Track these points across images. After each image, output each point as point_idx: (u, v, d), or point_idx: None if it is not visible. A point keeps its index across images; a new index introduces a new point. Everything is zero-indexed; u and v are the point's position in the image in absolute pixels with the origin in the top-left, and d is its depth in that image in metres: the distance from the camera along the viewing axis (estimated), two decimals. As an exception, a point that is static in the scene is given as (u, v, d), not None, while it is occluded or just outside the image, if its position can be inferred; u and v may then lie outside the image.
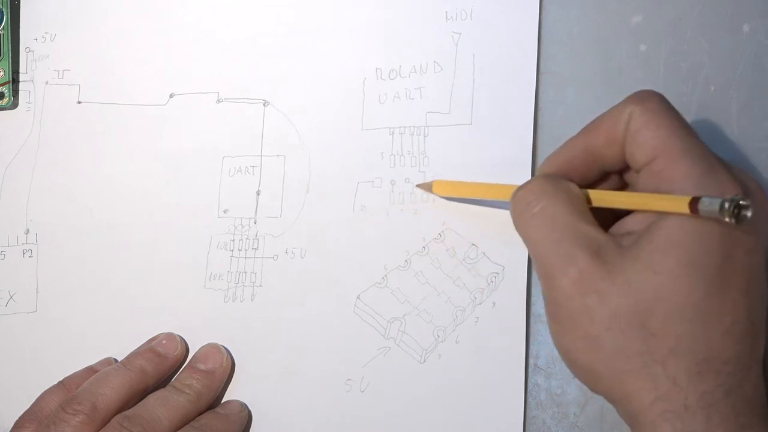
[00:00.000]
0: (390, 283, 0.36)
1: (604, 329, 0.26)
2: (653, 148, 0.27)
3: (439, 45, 0.37)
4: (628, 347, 0.25)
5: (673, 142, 0.26)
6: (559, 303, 0.27)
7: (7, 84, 0.41)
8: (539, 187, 0.28)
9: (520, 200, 0.29)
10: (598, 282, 0.26)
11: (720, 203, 0.24)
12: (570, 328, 0.26)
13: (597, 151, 0.29)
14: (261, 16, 0.40)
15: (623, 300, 0.25)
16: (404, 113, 0.37)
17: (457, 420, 0.34)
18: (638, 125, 0.27)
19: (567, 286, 0.26)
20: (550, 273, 0.27)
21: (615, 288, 0.25)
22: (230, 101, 0.39)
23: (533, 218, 0.28)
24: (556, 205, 0.28)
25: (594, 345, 0.26)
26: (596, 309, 0.26)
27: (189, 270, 0.38)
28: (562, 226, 0.27)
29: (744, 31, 0.35)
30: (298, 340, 0.37)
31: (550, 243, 0.27)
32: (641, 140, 0.27)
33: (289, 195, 0.38)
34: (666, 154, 0.26)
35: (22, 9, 0.42)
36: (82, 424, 0.33)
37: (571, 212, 0.27)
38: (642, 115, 0.27)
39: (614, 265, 0.26)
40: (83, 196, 0.40)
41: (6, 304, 0.40)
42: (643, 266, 0.25)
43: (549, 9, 0.37)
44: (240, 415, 0.36)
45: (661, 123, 0.27)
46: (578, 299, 0.26)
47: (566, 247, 0.27)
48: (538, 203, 0.28)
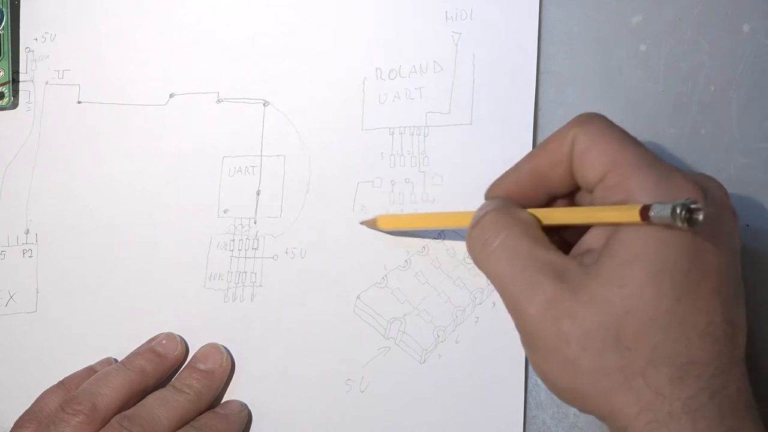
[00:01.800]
0: (390, 283, 0.36)
1: (581, 350, 0.25)
2: (603, 164, 0.26)
3: (439, 45, 0.37)
4: (607, 365, 0.25)
5: (622, 155, 0.26)
6: (532, 332, 0.26)
7: (7, 84, 0.41)
8: (493, 222, 0.28)
9: (477, 238, 0.29)
10: (567, 304, 0.25)
11: (671, 208, 0.24)
12: (547, 354, 0.26)
13: (542, 175, 0.29)
14: (261, 16, 0.40)
15: (594, 318, 0.25)
16: (404, 113, 0.37)
17: (457, 420, 0.34)
18: (584, 146, 0.27)
19: (537, 315, 0.26)
20: (518, 304, 0.27)
21: (584, 308, 0.25)
22: (230, 101, 0.39)
23: (493, 254, 0.28)
24: (512, 236, 0.27)
25: (573, 368, 0.26)
26: (569, 332, 0.25)
27: (189, 270, 0.38)
28: (522, 256, 0.27)
29: (744, 31, 0.35)
30: (298, 340, 0.37)
31: (513, 274, 0.27)
32: (589, 159, 0.27)
33: (289, 195, 0.38)
34: (617, 169, 0.26)
35: (22, 9, 0.42)
36: (81, 424, 0.33)
37: (528, 241, 0.27)
38: (586, 136, 0.27)
39: (580, 285, 0.26)
40: (83, 196, 0.40)
41: (6, 304, 0.40)
42: (607, 282, 0.25)
43: (549, 9, 0.37)
44: (240, 415, 0.36)
45: (607, 140, 0.27)
46: (550, 326, 0.26)
47: (530, 276, 0.26)
48: (496, 237, 0.28)
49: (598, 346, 0.25)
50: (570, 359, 0.26)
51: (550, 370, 0.27)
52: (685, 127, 0.35)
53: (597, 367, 0.25)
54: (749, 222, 0.33)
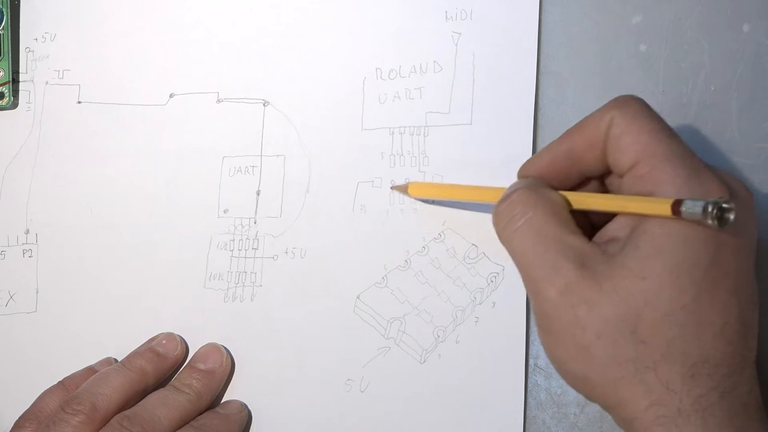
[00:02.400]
0: (390, 283, 0.36)
1: (595, 338, 0.25)
2: (636, 152, 0.27)
3: (439, 45, 0.37)
4: (620, 355, 0.25)
5: (656, 145, 0.26)
6: (549, 314, 0.27)
7: (7, 84, 0.41)
8: (522, 199, 0.28)
9: (504, 214, 0.29)
10: (586, 292, 0.26)
11: (703, 206, 0.24)
12: (561, 338, 0.26)
13: (577, 156, 0.29)
14: (261, 16, 0.40)
15: (612, 308, 0.25)
16: (404, 113, 0.37)
17: (457, 420, 0.34)
18: (620, 130, 0.27)
19: (555, 298, 0.26)
20: (537, 285, 0.27)
21: (603, 296, 0.25)
22: (230, 101, 0.39)
23: (518, 231, 0.28)
24: (540, 216, 0.28)
25: (586, 354, 0.26)
26: (586, 319, 0.26)
27: (189, 270, 0.38)
28: (547, 238, 0.27)
29: (744, 31, 0.35)
30: (298, 340, 0.37)
31: (536, 255, 0.27)
32: (623, 145, 0.27)
33: (289, 195, 0.38)
34: (649, 158, 0.26)
35: (22, 9, 0.42)
36: (82, 424, 0.33)
37: (555, 223, 0.27)
38: (623, 119, 0.27)
39: (601, 273, 0.26)
40: (83, 196, 0.40)
41: (6, 304, 0.40)
42: (630, 273, 0.25)
43: (549, 9, 0.37)
44: (240, 415, 0.36)
45: (642, 127, 0.27)
46: (567, 310, 0.26)
47: (553, 258, 0.26)
48: (523, 216, 0.28)
49: (613, 336, 0.25)
50: (584, 345, 0.26)
51: (563, 354, 0.27)
52: (685, 127, 0.34)
53: (610, 356, 0.25)
54: (749, 222, 0.33)
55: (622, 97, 0.28)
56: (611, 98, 0.35)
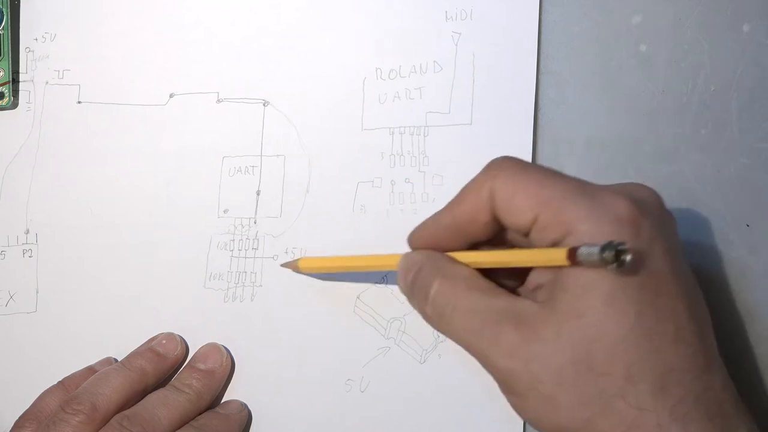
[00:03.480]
0: (390, 283, 0.36)
1: (556, 387, 0.25)
2: (531, 208, 0.26)
3: (439, 45, 0.37)
4: (584, 394, 0.25)
5: (547, 192, 0.26)
6: (506, 380, 0.27)
7: (7, 84, 0.41)
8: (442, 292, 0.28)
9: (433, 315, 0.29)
10: (531, 347, 0.25)
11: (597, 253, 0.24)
12: (525, 397, 0.26)
13: (462, 228, 0.29)
14: (261, 16, 0.40)
15: (562, 354, 0.25)
16: (404, 113, 0.37)
17: (457, 420, 0.34)
18: (507, 194, 0.27)
19: (505, 363, 0.26)
20: (486, 359, 0.27)
21: (549, 346, 0.25)
22: (230, 101, 0.39)
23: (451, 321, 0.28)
24: (463, 298, 0.27)
25: (552, 404, 0.26)
26: (540, 372, 0.25)
27: (189, 270, 0.38)
28: (478, 313, 0.27)
29: (744, 31, 0.35)
30: (298, 340, 0.37)
31: (475, 334, 0.27)
32: (516, 206, 0.27)
33: (289, 195, 0.38)
34: (545, 208, 0.26)
35: (22, 9, 0.42)
36: (82, 423, 0.33)
37: (477, 295, 0.27)
38: (505, 183, 0.27)
39: (539, 324, 0.26)
40: (83, 196, 0.40)
41: (6, 304, 0.40)
42: (566, 315, 0.25)
43: (549, 9, 0.37)
44: (240, 415, 0.36)
45: (527, 183, 0.26)
46: (521, 370, 0.26)
47: (488, 329, 0.26)
48: (448, 306, 0.28)
49: (572, 380, 0.25)
50: (548, 396, 0.26)
51: (531, 410, 0.27)
52: (685, 127, 0.34)
53: (575, 399, 0.25)
54: (749, 222, 0.33)
55: (493, 162, 0.28)
56: (611, 98, 0.35)
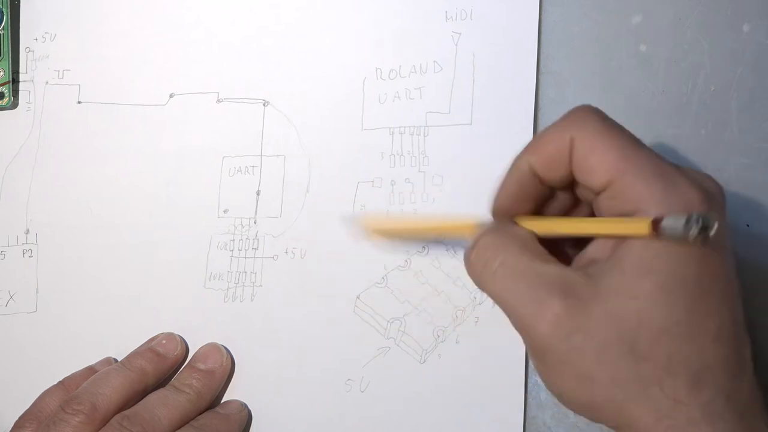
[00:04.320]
0: (390, 283, 0.36)
1: (595, 364, 0.25)
2: (606, 172, 0.26)
3: (439, 45, 0.37)
4: (622, 376, 0.25)
5: (625, 163, 0.26)
6: (543, 349, 0.26)
7: (7, 84, 0.41)
8: (490, 242, 0.28)
9: (476, 261, 0.28)
10: (577, 320, 0.25)
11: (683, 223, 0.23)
12: (559, 370, 0.26)
13: (543, 175, 0.28)
14: (261, 16, 0.40)
15: (607, 332, 0.25)
16: (404, 113, 0.37)
17: (457, 420, 0.34)
18: (584, 152, 0.26)
19: (547, 333, 0.26)
20: (526, 324, 0.26)
21: (595, 322, 0.25)
22: (230, 101, 0.39)
23: (495, 275, 0.27)
24: (512, 255, 0.27)
25: (587, 382, 0.25)
26: (582, 347, 0.25)
27: (189, 270, 0.38)
28: (525, 274, 0.26)
29: (744, 31, 0.35)
30: (298, 340, 0.37)
31: (518, 294, 0.26)
32: (591, 166, 0.26)
33: (289, 195, 0.38)
34: (621, 177, 0.26)
35: (22, 9, 0.42)
36: (82, 424, 0.33)
37: (529, 257, 0.27)
38: (584, 140, 0.26)
39: (588, 299, 0.25)
40: (83, 196, 0.40)
41: (6, 304, 0.40)
42: (618, 294, 0.25)
43: (549, 9, 0.37)
44: (240, 415, 0.36)
45: (607, 145, 0.26)
46: (562, 342, 0.25)
47: (536, 294, 0.26)
48: (496, 259, 0.27)
49: (613, 359, 0.25)
50: (584, 373, 0.25)
51: (564, 384, 0.26)
52: (685, 127, 0.35)
53: (612, 379, 0.25)
54: (749, 222, 0.33)
55: (577, 111, 0.27)
56: (611, 98, 0.35)
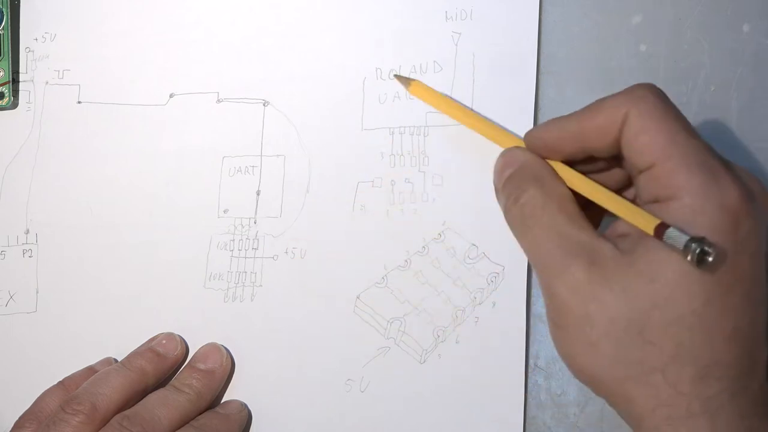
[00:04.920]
0: (390, 283, 0.36)
1: (603, 335, 0.25)
2: (652, 154, 0.26)
3: (439, 45, 0.37)
4: (626, 355, 0.25)
5: (673, 148, 0.26)
6: (559, 309, 0.27)
7: (7, 84, 0.41)
8: (533, 198, 0.28)
9: (517, 214, 0.29)
10: (596, 289, 0.26)
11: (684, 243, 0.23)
12: (571, 333, 0.26)
13: (587, 142, 0.28)
14: (261, 16, 0.40)
15: (619, 308, 0.25)
16: (404, 113, 0.37)
17: (457, 420, 0.34)
18: (636, 129, 0.26)
19: (566, 295, 0.26)
20: (549, 281, 0.27)
21: (612, 296, 0.25)
22: (230, 101, 0.39)
23: (530, 229, 0.28)
24: (551, 215, 0.28)
25: (594, 351, 0.26)
26: (595, 316, 0.26)
27: (189, 270, 0.38)
28: (558, 235, 0.27)
29: (744, 31, 0.35)
30: (298, 340, 0.37)
31: (547, 251, 0.27)
32: (639, 145, 0.26)
33: (289, 195, 0.38)
34: (665, 162, 0.26)
35: (22, 9, 0.42)
36: (82, 424, 0.33)
37: (565, 219, 0.27)
38: (638, 118, 0.26)
39: (611, 272, 0.26)
40: (83, 196, 0.40)
41: (6, 304, 0.40)
42: (639, 275, 0.25)
43: (549, 9, 0.37)
44: (240, 415, 0.36)
45: (660, 127, 0.26)
46: (578, 306, 0.26)
47: (563, 255, 0.26)
48: (534, 216, 0.28)
49: (619, 335, 0.25)
50: (592, 342, 0.26)
51: (572, 349, 0.27)
52: (685, 127, 0.34)
53: (616, 355, 0.25)
54: (749, 222, 0.33)
55: (637, 88, 0.27)
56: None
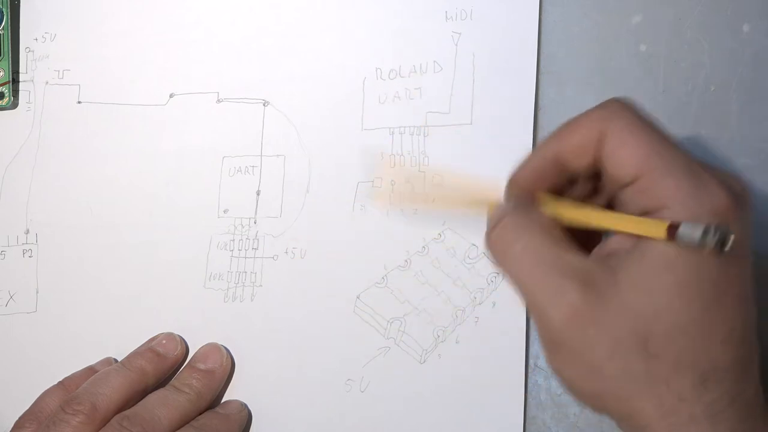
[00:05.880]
0: (390, 283, 0.36)
1: (607, 357, 0.25)
2: (635, 166, 0.26)
3: (439, 45, 0.37)
4: (632, 371, 0.25)
5: (654, 159, 0.25)
6: (555, 338, 0.26)
7: (7, 84, 0.41)
8: (514, 224, 0.27)
9: (498, 241, 0.28)
10: (593, 312, 0.25)
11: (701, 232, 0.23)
12: (570, 360, 0.26)
13: (567, 163, 0.28)
14: (261, 16, 0.40)
15: (622, 327, 0.25)
16: (404, 113, 0.37)
17: (457, 420, 0.34)
18: (614, 144, 0.26)
19: (563, 322, 0.25)
20: (542, 310, 0.26)
21: (611, 315, 0.25)
22: (230, 101, 0.39)
23: (516, 258, 0.27)
24: (534, 239, 0.27)
25: (597, 374, 0.25)
26: (596, 339, 0.25)
27: (189, 270, 0.38)
28: (545, 261, 0.26)
29: (744, 31, 0.35)
30: (298, 340, 0.37)
31: (537, 280, 0.26)
32: (619, 160, 0.26)
33: (289, 195, 0.38)
34: (649, 173, 0.25)
35: (22, 9, 0.42)
36: (82, 424, 0.33)
37: (550, 243, 0.27)
38: (616, 133, 0.26)
39: (606, 291, 0.25)
40: (83, 196, 0.40)
41: (6, 304, 0.40)
42: (636, 289, 0.25)
43: (549, 9, 0.37)
44: (240, 415, 0.36)
45: (639, 140, 0.26)
46: (576, 332, 0.25)
47: (554, 281, 0.26)
48: (517, 241, 0.27)
49: (625, 353, 0.25)
50: (595, 365, 0.25)
51: (573, 374, 0.26)
52: (685, 127, 0.35)
53: (622, 373, 0.25)
54: (749, 222, 0.33)
55: (611, 103, 0.27)
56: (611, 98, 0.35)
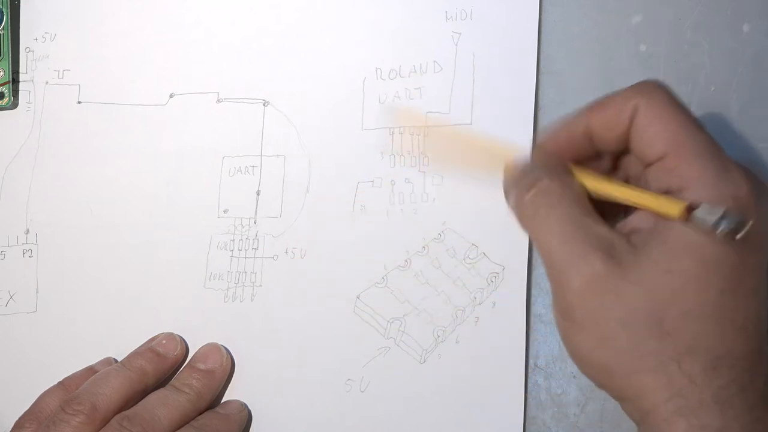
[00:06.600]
0: (390, 283, 0.36)
1: (620, 328, 0.26)
2: (664, 144, 0.26)
3: (439, 45, 0.37)
4: (644, 346, 0.25)
5: (684, 139, 0.26)
6: (573, 303, 0.26)
7: (7, 84, 0.41)
8: (550, 191, 0.28)
9: (529, 204, 0.28)
10: (613, 282, 0.26)
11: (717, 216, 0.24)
12: (583, 327, 0.26)
13: (596, 136, 0.28)
14: (261, 16, 0.40)
15: (639, 299, 0.25)
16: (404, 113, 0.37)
17: (457, 420, 0.34)
18: (646, 121, 0.27)
19: (581, 287, 0.26)
20: (563, 274, 0.27)
21: (630, 287, 0.25)
22: (230, 101, 0.39)
23: (545, 221, 0.28)
24: (566, 206, 0.27)
25: (608, 344, 0.26)
26: (612, 308, 0.26)
27: (189, 270, 0.38)
28: (573, 227, 0.27)
29: (744, 31, 0.35)
30: (298, 340, 0.37)
31: (562, 244, 0.27)
32: (650, 136, 0.27)
33: (289, 195, 0.38)
34: (677, 153, 0.26)
35: (22, 9, 0.42)
36: (82, 424, 0.33)
37: (580, 212, 0.27)
38: (649, 109, 0.27)
39: (628, 264, 0.26)
40: (83, 196, 0.40)
41: (6, 304, 0.40)
42: (656, 266, 0.25)
43: (549, 9, 0.37)
44: (240, 415, 0.36)
45: (670, 118, 0.26)
46: (593, 299, 0.26)
47: (580, 247, 0.26)
48: (554, 208, 0.28)
49: (638, 327, 0.25)
50: (607, 335, 0.26)
51: (583, 342, 0.27)
52: (685, 127, 0.34)
53: (633, 347, 0.25)
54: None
55: (646, 83, 0.28)
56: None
